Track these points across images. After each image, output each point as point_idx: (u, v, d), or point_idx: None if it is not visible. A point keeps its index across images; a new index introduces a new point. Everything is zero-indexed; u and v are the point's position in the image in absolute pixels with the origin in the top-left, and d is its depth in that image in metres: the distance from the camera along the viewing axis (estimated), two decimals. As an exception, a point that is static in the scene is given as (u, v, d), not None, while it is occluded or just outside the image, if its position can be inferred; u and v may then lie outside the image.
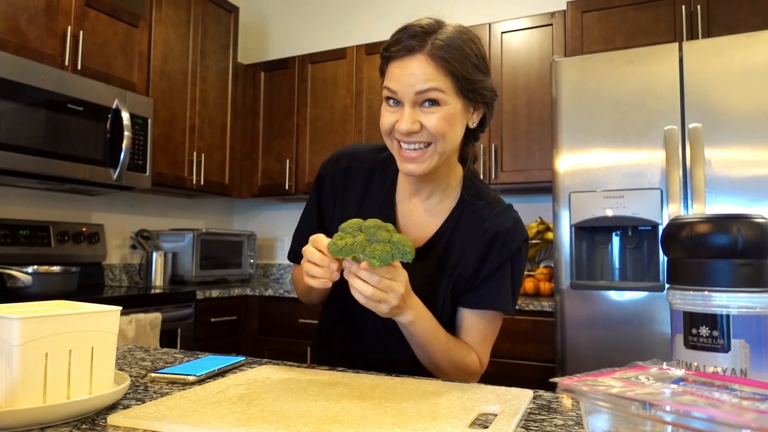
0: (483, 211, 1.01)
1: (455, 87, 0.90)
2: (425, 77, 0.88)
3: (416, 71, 0.89)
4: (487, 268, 0.98)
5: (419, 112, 0.90)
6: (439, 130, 0.89)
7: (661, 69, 1.98)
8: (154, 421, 0.58)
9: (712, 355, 0.51)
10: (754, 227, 0.51)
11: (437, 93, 0.88)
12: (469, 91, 0.92)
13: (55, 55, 2.29)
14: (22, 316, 0.57)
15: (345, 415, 0.60)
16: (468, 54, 0.92)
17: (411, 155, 0.92)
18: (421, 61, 0.89)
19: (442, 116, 0.89)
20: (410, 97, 0.89)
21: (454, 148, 0.95)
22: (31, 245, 2.43)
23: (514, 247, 0.99)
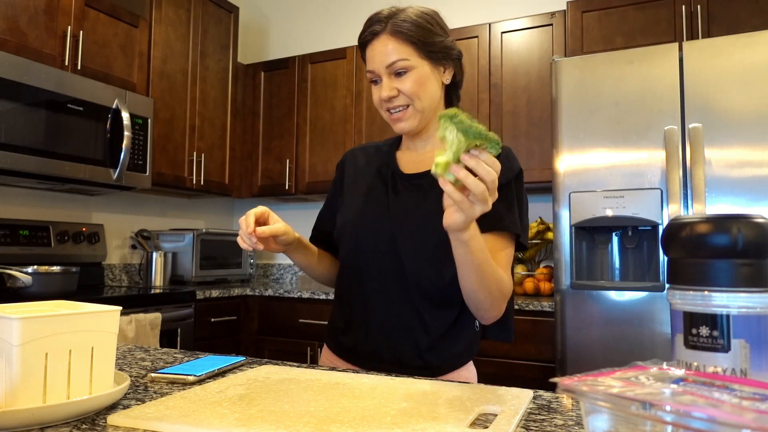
0: None
1: (417, 52, 1.05)
2: (390, 51, 1.05)
3: (383, 49, 1.06)
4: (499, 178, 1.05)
5: (395, 81, 1.05)
6: (412, 91, 1.05)
7: (661, 69, 1.98)
8: (153, 421, 0.58)
9: (712, 355, 0.51)
10: (754, 227, 0.51)
11: (403, 62, 1.04)
12: (431, 52, 1.06)
13: (55, 55, 2.29)
14: (22, 316, 0.57)
15: (345, 415, 0.60)
16: (421, 23, 1.06)
17: (398, 116, 1.07)
18: (385, 40, 1.06)
19: (413, 79, 1.05)
20: (384, 71, 1.06)
21: (433, 104, 1.09)
22: (31, 245, 2.42)
23: (515, 167, 1.09)
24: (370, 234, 1.10)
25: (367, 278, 1.10)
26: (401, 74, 1.05)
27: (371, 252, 1.09)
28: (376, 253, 1.09)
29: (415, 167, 1.14)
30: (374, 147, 1.25)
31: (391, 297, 1.06)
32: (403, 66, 1.04)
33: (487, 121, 2.76)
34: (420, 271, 1.05)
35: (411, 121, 1.08)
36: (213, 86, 3.14)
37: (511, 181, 1.07)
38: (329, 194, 1.27)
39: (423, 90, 1.06)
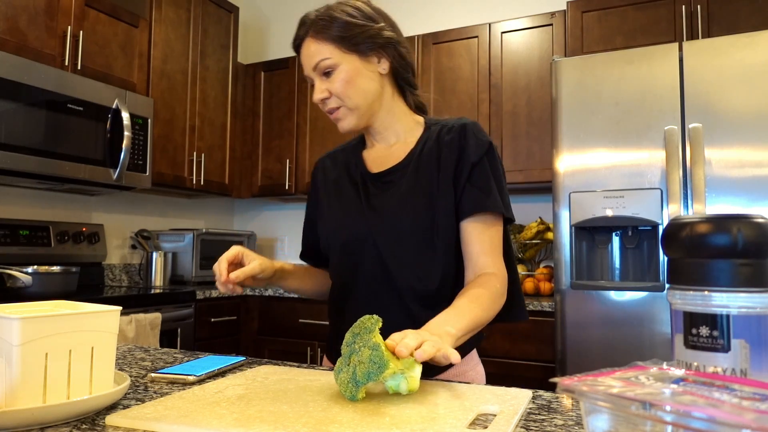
0: (446, 121, 1.10)
1: (340, 48, 1.02)
2: (313, 54, 1.03)
3: (306, 52, 1.04)
4: (467, 160, 1.03)
5: (326, 82, 1.03)
6: (340, 90, 1.02)
7: (661, 69, 1.98)
8: (152, 421, 0.58)
9: (712, 355, 0.51)
10: (754, 227, 0.51)
11: (325, 61, 1.02)
12: (356, 45, 1.02)
13: (55, 55, 2.29)
14: (22, 316, 0.57)
15: (344, 415, 0.60)
16: (340, 17, 1.02)
17: (335, 117, 1.06)
18: (307, 44, 1.04)
19: (340, 78, 1.02)
20: (313, 74, 1.04)
21: (370, 98, 1.05)
22: (31, 245, 2.42)
23: (485, 141, 1.05)
24: (351, 242, 1.06)
25: (356, 287, 1.06)
26: (329, 74, 1.02)
27: (356, 260, 1.06)
28: (361, 260, 1.05)
29: (381, 164, 1.10)
30: (341, 150, 1.21)
31: (382, 303, 1.03)
32: (326, 66, 1.02)
33: (487, 121, 2.76)
34: (406, 273, 1.01)
35: (348, 120, 1.05)
36: (213, 86, 3.14)
37: (483, 157, 1.03)
38: (307, 208, 1.24)
39: (352, 87, 1.02)
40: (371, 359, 0.64)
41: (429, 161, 1.05)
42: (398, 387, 0.67)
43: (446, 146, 1.05)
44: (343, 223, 1.08)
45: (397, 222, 1.02)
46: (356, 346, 0.67)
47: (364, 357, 0.64)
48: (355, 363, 0.65)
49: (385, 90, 1.07)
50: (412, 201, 1.03)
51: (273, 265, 1.07)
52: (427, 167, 1.05)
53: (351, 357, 0.67)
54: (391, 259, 1.02)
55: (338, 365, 0.69)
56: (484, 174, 1.02)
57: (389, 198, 1.05)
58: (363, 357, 0.64)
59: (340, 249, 1.08)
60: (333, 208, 1.12)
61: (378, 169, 1.10)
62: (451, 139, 1.05)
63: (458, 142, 1.05)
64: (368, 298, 1.05)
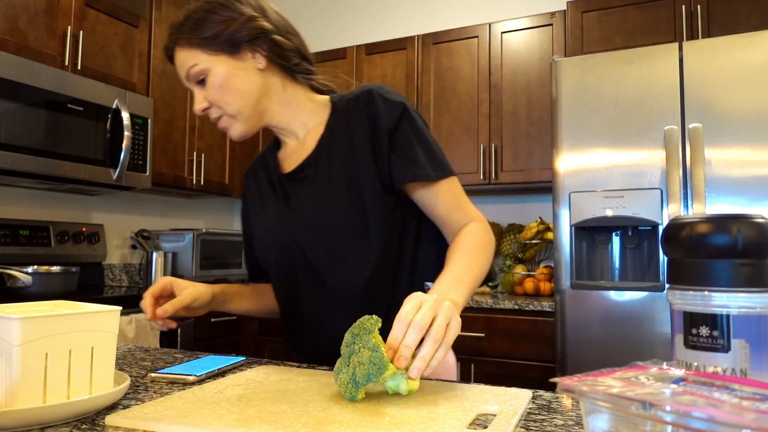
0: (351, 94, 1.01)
1: (204, 51, 0.93)
2: (182, 63, 0.95)
3: (177, 63, 0.96)
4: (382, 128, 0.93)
5: (202, 92, 0.95)
6: (217, 98, 0.93)
7: (661, 69, 1.98)
8: (152, 421, 0.58)
9: (712, 355, 0.51)
10: (754, 227, 0.51)
11: (194, 69, 0.93)
12: (219, 44, 0.92)
13: (55, 55, 2.29)
14: (22, 316, 0.57)
15: (343, 415, 0.60)
16: (198, 18, 0.93)
17: (221, 126, 0.97)
18: (177, 53, 0.96)
19: (213, 84, 0.93)
20: (188, 83, 0.96)
21: (252, 98, 0.94)
22: (31, 245, 2.42)
23: (398, 102, 0.95)
24: (280, 252, 1.00)
25: (296, 296, 1.00)
26: (204, 81, 0.94)
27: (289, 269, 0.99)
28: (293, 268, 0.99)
29: (294, 162, 1.02)
30: (260, 157, 1.12)
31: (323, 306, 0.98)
32: (197, 73, 0.93)
33: (487, 121, 2.76)
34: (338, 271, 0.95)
35: (235, 127, 0.96)
36: (213, 86, 3.14)
37: (399, 121, 0.93)
38: (243, 225, 1.16)
39: (227, 92, 0.93)
40: (371, 360, 0.63)
41: (341, 143, 0.96)
42: (398, 387, 0.67)
43: (356, 121, 0.95)
44: (269, 234, 1.01)
45: (318, 219, 0.95)
46: (356, 347, 0.67)
47: (363, 358, 0.64)
48: (355, 364, 0.65)
49: (272, 84, 0.97)
50: (331, 192, 0.95)
51: (210, 290, 1.01)
52: (340, 150, 0.96)
53: (350, 358, 0.67)
54: (320, 261, 0.95)
55: (338, 366, 0.69)
56: (407, 138, 0.93)
57: (306, 196, 0.97)
58: (363, 358, 0.64)
59: (274, 261, 1.02)
60: (260, 218, 1.05)
61: (291, 167, 1.01)
62: (358, 111, 0.96)
63: (367, 112, 0.95)
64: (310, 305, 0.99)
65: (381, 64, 3.04)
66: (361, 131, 0.95)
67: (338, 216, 0.94)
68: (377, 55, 3.06)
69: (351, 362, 0.66)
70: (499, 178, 2.71)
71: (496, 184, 2.72)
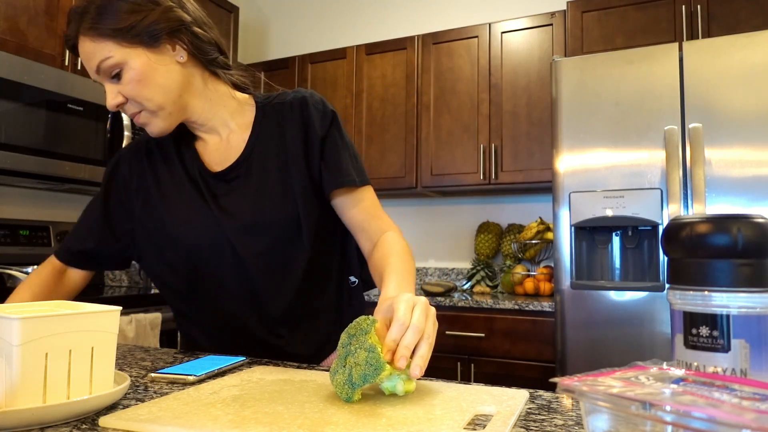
0: (282, 97, 1.02)
1: (119, 43, 0.85)
2: (90, 55, 0.86)
3: (84, 54, 0.87)
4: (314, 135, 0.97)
5: (117, 85, 0.88)
6: (135, 94, 0.87)
7: (661, 69, 1.98)
8: (145, 423, 0.58)
9: (712, 355, 0.51)
10: (754, 227, 0.51)
11: (107, 62, 0.86)
12: (135, 35, 0.86)
13: (55, 55, 2.29)
14: (22, 316, 0.57)
15: (339, 416, 0.60)
16: (108, 5, 0.85)
17: (140, 122, 0.92)
18: (82, 43, 0.87)
19: (129, 78, 0.86)
20: (98, 77, 0.88)
21: (174, 93, 0.90)
22: (31, 245, 2.42)
23: (329, 111, 0.99)
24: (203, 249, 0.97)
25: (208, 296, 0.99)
26: (117, 76, 0.87)
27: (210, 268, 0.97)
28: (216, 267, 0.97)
29: (222, 160, 0.99)
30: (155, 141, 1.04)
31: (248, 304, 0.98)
32: (110, 66, 0.86)
33: (487, 121, 2.76)
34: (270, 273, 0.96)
35: (155, 123, 0.91)
36: (213, 86, 3.14)
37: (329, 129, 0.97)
38: (96, 207, 1.06)
39: (147, 86, 0.87)
40: (368, 361, 0.63)
41: (273, 146, 0.98)
42: (394, 388, 0.67)
43: (289, 126, 0.97)
44: (189, 228, 0.97)
45: (254, 222, 0.95)
46: (352, 347, 0.67)
47: (360, 359, 0.64)
48: (351, 365, 0.65)
49: (193, 78, 0.93)
50: (268, 195, 0.96)
51: None
52: (272, 153, 0.97)
53: (347, 359, 0.67)
54: (251, 261, 0.95)
55: (334, 366, 0.69)
56: (334, 147, 0.97)
57: (241, 197, 0.96)
58: (359, 359, 0.64)
59: (187, 256, 0.98)
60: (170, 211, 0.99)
61: (219, 165, 0.99)
62: (293, 117, 0.98)
63: (301, 118, 0.97)
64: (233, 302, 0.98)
65: (381, 64, 3.04)
66: (296, 136, 0.97)
67: (273, 219, 0.96)
68: (377, 55, 3.06)
69: (347, 363, 0.66)
70: (499, 178, 2.71)
71: (496, 184, 2.72)
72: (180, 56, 0.91)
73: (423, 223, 3.24)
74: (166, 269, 1.02)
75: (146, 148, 1.04)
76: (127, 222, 1.04)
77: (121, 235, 1.05)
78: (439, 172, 2.85)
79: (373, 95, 3.04)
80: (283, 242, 0.96)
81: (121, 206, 1.05)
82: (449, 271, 3.16)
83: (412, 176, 2.91)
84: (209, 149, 1.01)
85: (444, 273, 3.17)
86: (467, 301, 2.43)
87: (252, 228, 0.95)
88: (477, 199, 3.13)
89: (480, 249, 2.97)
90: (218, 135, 1.01)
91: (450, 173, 2.83)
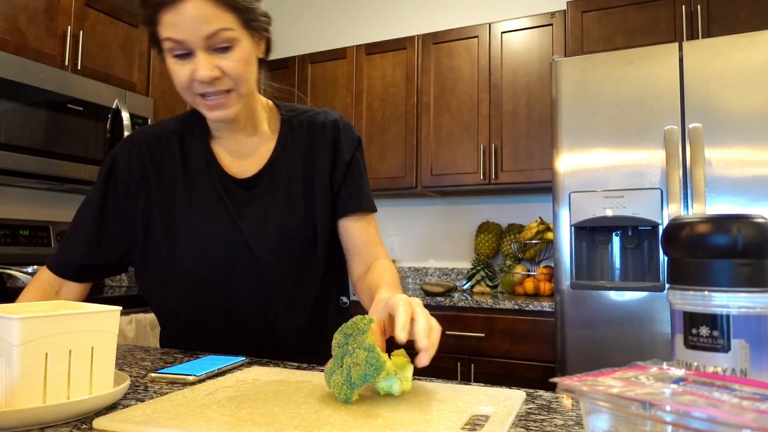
0: (311, 115, 1.04)
1: (240, 21, 0.84)
2: (210, 17, 0.81)
3: (198, 14, 0.80)
4: (341, 161, 1.01)
5: (214, 58, 0.84)
6: (239, 73, 0.86)
7: (661, 69, 1.98)
8: (140, 424, 0.57)
9: (712, 355, 0.51)
10: (754, 227, 0.51)
11: (226, 33, 0.82)
12: (253, 21, 0.87)
13: (55, 55, 2.29)
14: (22, 316, 0.57)
15: (336, 417, 0.60)
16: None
17: (217, 102, 0.87)
18: (199, 3, 0.80)
19: (240, 57, 0.85)
20: (200, 43, 0.82)
21: (254, 85, 0.93)
22: (31, 245, 2.42)
23: (356, 137, 1.04)
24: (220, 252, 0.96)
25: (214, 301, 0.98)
26: (224, 50, 0.84)
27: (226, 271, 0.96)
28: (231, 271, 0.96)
29: (243, 164, 0.99)
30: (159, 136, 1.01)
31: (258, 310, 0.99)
32: (227, 38, 0.83)
33: (487, 121, 2.76)
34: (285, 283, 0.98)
35: (234, 108, 0.89)
36: (213, 86, 3.14)
37: (354, 154, 1.02)
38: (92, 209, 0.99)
39: (248, 70, 0.88)
40: (368, 361, 0.63)
41: (299, 159, 1.00)
42: (390, 388, 0.67)
43: (321, 145, 1.01)
44: (206, 231, 0.96)
45: (279, 229, 0.96)
46: (349, 347, 0.66)
47: (359, 359, 0.64)
48: (349, 365, 0.64)
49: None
50: (292, 206, 0.98)
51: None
52: (298, 166, 1.00)
53: (344, 359, 0.66)
54: (269, 270, 0.96)
55: (330, 367, 0.68)
56: (358, 172, 1.02)
57: (265, 204, 0.97)
58: (358, 359, 0.64)
59: (201, 259, 0.96)
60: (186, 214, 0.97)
61: (240, 170, 0.99)
62: (324, 137, 1.01)
63: (332, 139, 1.01)
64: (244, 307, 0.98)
65: (381, 64, 3.04)
66: (325, 157, 1.01)
67: (296, 229, 0.99)
68: (377, 55, 3.06)
69: (344, 363, 0.65)
70: (499, 178, 2.71)
71: (496, 184, 2.72)
72: (261, 52, 0.94)
73: (423, 223, 3.24)
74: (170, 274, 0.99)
75: (147, 146, 1.00)
76: (127, 226, 1.00)
77: (121, 242, 1.01)
78: (439, 172, 2.85)
79: (373, 95, 3.04)
80: (302, 252, 1.00)
81: (119, 211, 1.00)
82: (449, 271, 3.16)
83: (412, 176, 2.91)
84: (229, 150, 1.00)
85: (444, 273, 3.17)
86: (467, 301, 2.43)
87: (275, 236, 0.97)
88: (477, 199, 3.13)
89: (480, 249, 2.97)
90: (245, 136, 1.00)
91: (450, 173, 2.83)
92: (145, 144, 1.01)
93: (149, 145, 1.01)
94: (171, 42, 0.83)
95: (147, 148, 1.01)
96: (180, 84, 0.87)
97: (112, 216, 1.00)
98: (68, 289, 1.02)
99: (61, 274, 1.01)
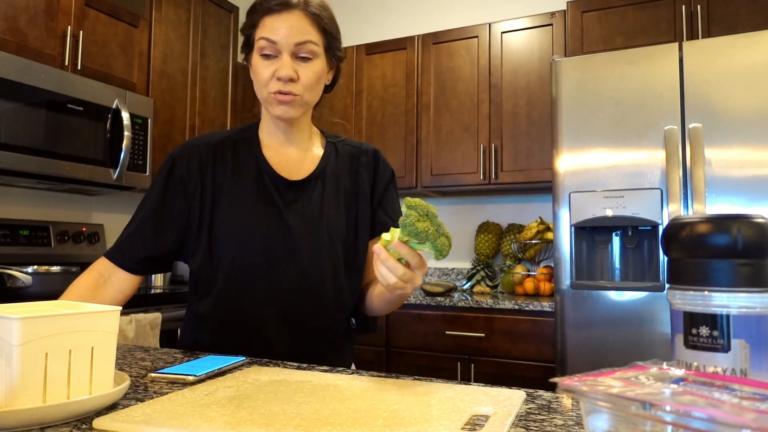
0: (353, 143, 1.17)
1: (325, 43, 1.00)
2: (304, 30, 0.97)
3: (296, 24, 0.96)
4: (380, 186, 1.13)
5: (295, 63, 0.98)
6: (310, 82, 0.99)
7: (661, 69, 1.98)
8: (140, 424, 0.57)
9: (712, 355, 0.51)
10: (754, 227, 0.51)
11: (313, 46, 0.98)
12: (333, 49, 1.03)
13: (55, 55, 2.29)
14: (22, 316, 0.57)
15: (336, 417, 0.60)
16: (333, 16, 1.02)
17: (286, 100, 0.99)
18: (299, 16, 0.97)
19: (315, 69, 0.99)
20: (290, 48, 0.97)
21: (316, 102, 1.06)
22: (31, 245, 2.42)
23: (391, 170, 1.16)
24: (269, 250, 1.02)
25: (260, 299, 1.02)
26: (305, 60, 0.98)
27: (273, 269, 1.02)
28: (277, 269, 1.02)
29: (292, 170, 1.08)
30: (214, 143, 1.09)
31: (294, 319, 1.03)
32: (311, 51, 0.98)
33: (487, 121, 2.76)
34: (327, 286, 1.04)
35: (297, 110, 1.02)
36: (213, 86, 3.14)
37: (389, 184, 1.13)
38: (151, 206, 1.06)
39: (318, 84, 1.02)
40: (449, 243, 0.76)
41: (345, 172, 1.11)
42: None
43: (363, 167, 1.12)
44: (258, 229, 1.02)
45: (324, 228, 1.04)
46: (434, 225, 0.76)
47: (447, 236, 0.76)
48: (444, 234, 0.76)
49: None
50: (336, 210, 1.08)
51: None
52: (345, 176, 1.11)
53: (433, 231, 0.75)
54: (313, 270, 1.03)
55: (425, 228, 0.74)
56: (392, 199, 1.13)
57: (313, 206, 1.05)
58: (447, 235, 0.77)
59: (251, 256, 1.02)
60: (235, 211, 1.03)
61: (290, 174, 1.07)
62: (367, 161, 1.13)
63: (373, 165, 1.13)
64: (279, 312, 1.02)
65: (381, 64, 3.04)
66: (367, 177, 1.12)
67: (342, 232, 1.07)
68: (377, 55, 3.06)
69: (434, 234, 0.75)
70: (499, 178, 2.71)
71: (496, 184, 2.72)
72: (328, 79, 1.07)
73: (423, 223, 3.24)
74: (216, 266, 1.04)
75: (203, 150, 1.08)
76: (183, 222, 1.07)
77: (177, 236, 1.07)
78: (439, 172, 2.85)
79: (373, 95, 3.04)
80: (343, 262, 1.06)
81: (177, 207, 1.06)
82: (449, 271, 3.16)
83: (412, 176, 2.91)
84: (278, 158, 1.09)
85: (444, 273, 3.17)
86: (467, 301, 2.43)
87: (320, 236, 1.04)
88: (477, 199, 3.13)
89: (480, 249, 2.97)
90: (296, 148, 1.11)
91: (450, 173, 2.83)
92: (201, 148, 1.09)
93: (205, 149, 1.09)
94: (265, 41, 0.97)
95: (203, 152, 1.08)
96: (260, 80, 0.99)
97: (171, 212, 1.07)
98: (119, 278, 1.07)
99: (121, 264, 1.07)
